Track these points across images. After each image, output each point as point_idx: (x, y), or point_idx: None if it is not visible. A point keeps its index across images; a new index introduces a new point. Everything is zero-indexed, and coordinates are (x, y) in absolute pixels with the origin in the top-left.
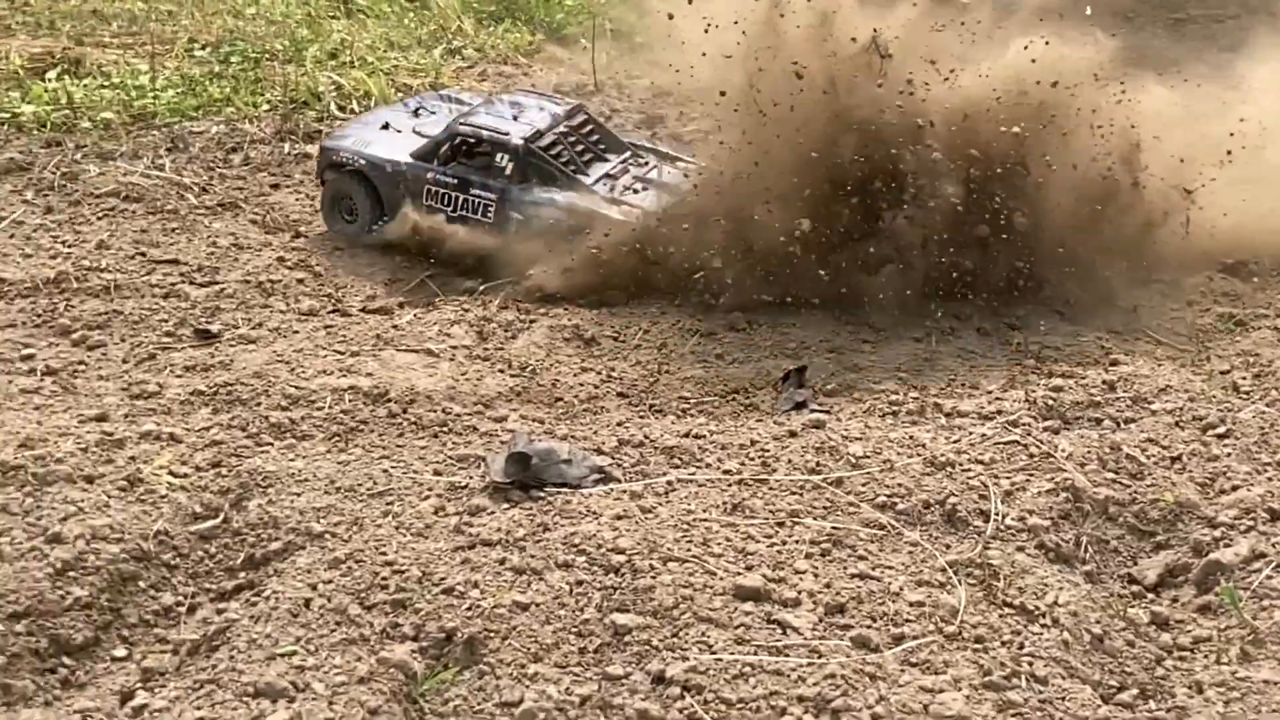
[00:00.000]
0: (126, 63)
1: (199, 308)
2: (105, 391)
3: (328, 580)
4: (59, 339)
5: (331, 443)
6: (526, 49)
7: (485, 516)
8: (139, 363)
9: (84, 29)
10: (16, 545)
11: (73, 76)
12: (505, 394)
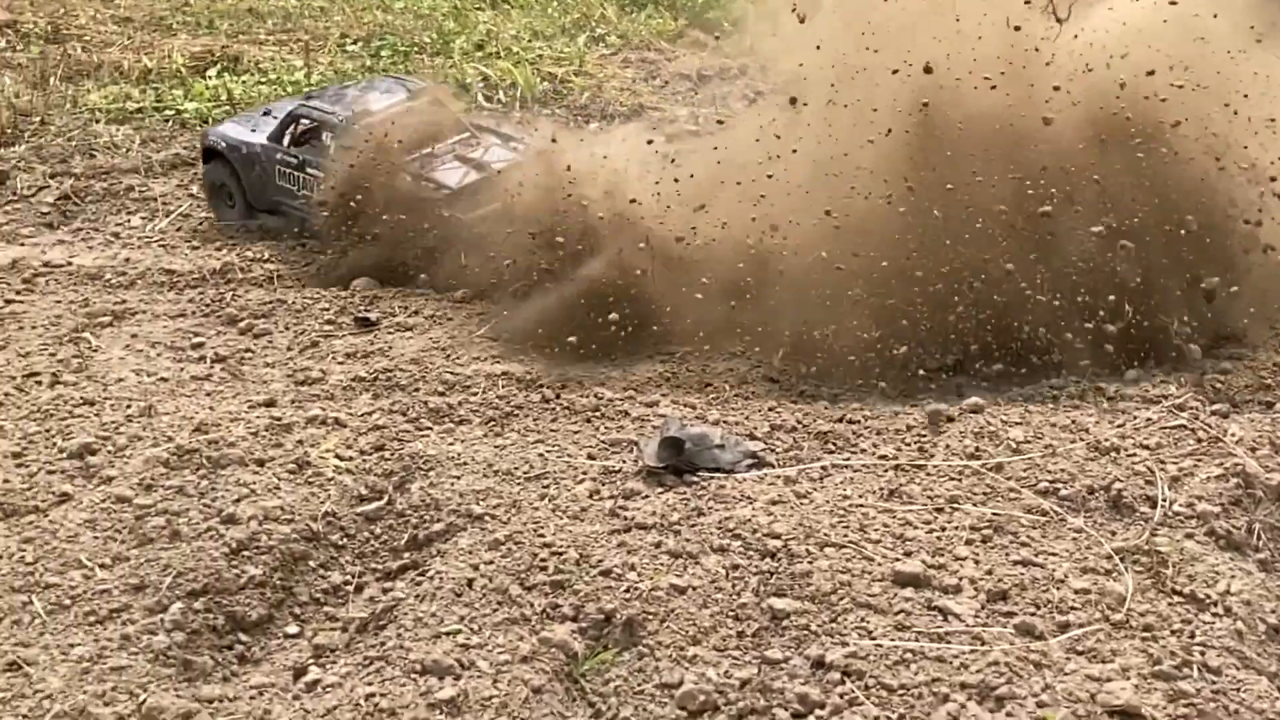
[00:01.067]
0: (282, 59)
1: (357, 296)
2: (272, 378)
3: (489, 561)
4: (226, 327)
5: (488, 427)
6: (669, 35)
7: (640, 500)
8: (302, 350)
9: (241, 27)
10: (194, 525)
11: (232, 73)
12: (655, 379)
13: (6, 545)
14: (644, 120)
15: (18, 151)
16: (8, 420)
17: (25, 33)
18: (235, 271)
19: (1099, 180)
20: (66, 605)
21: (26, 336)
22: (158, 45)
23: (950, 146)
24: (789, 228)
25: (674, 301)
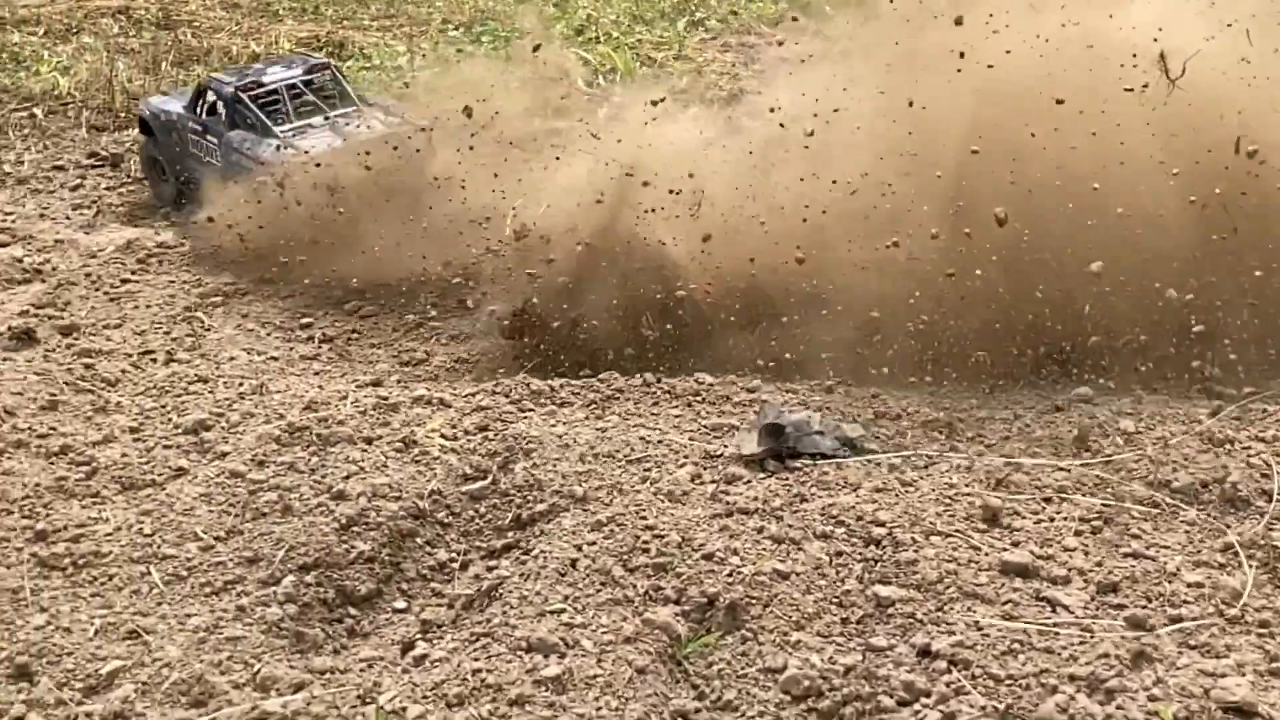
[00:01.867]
0: (386, 44)
1: (459, 278)
2: (378, 359)
3: (591, 542)
4: (334, 309)
5: (589, 409)
6: (770, 18)
7: (741, 485)
8: (407, 331)
9: (345, 13)
10: (305, 501)
11: (337, 59)
12: (757, 365)
13: (126, 517)
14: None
15: (132, 135)
16: (125, 397)
17: (138, 19)
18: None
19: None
20: (183, 576)
21: (142, 315)
22: (265, 31)
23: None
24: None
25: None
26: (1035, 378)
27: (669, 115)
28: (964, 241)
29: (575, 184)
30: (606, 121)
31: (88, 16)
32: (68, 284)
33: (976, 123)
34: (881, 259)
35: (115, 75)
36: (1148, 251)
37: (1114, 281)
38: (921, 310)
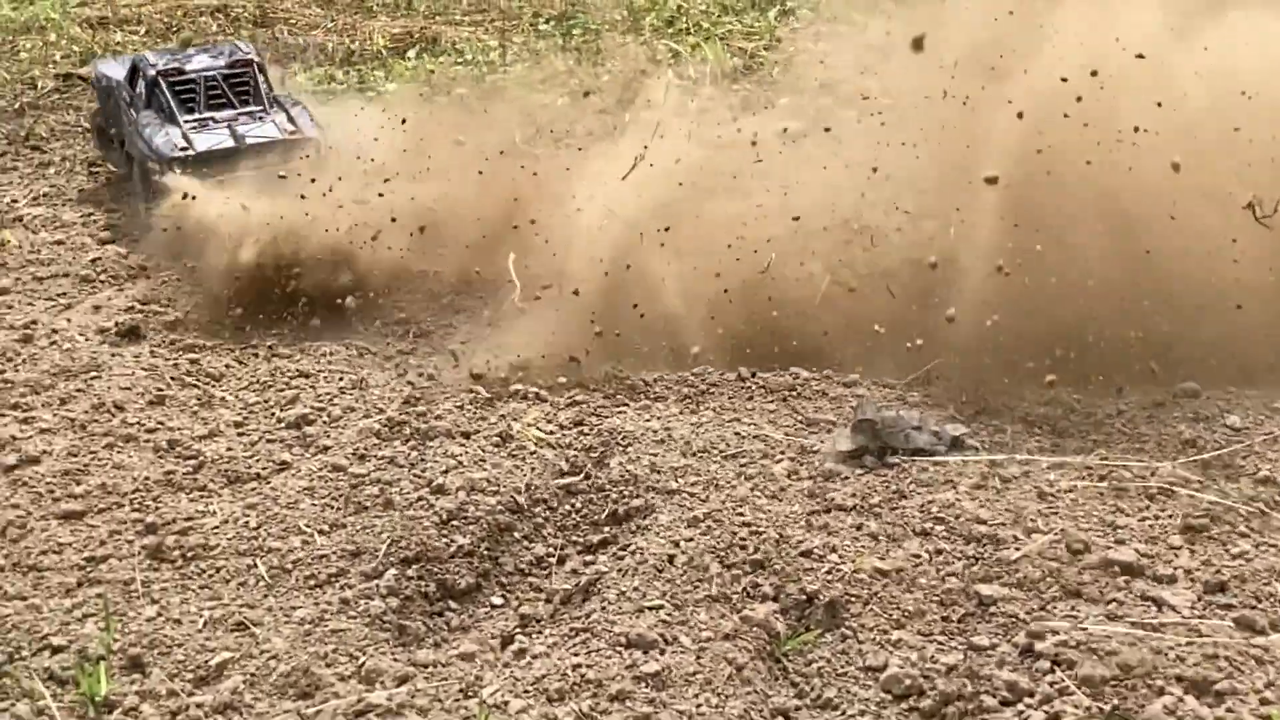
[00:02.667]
0: (478, 39)
1: (544, 276)
2: (473, 352)
3: (688, 538)
4: (429, 303)
5: (683, 404)
6: (862, 5)
7: (838, 481)
8: (498, 324)
9: (438, 8)
10: (405, 495)
11: (430, 54)
12: (853, 358)
13: (232, 510)
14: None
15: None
16: (229, 392)
17: (235, 17)
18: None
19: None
20: (288, 569)
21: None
22: (359, 27)
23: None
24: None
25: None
26: (1139, 372)
27: (758, 106)
28: (1071, 235)
29: (666, 170)
30: (697, 113)
31: (186, 15)
32: (172, 280)
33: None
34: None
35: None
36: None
37: (1218, 272)
38: (1020, 306)
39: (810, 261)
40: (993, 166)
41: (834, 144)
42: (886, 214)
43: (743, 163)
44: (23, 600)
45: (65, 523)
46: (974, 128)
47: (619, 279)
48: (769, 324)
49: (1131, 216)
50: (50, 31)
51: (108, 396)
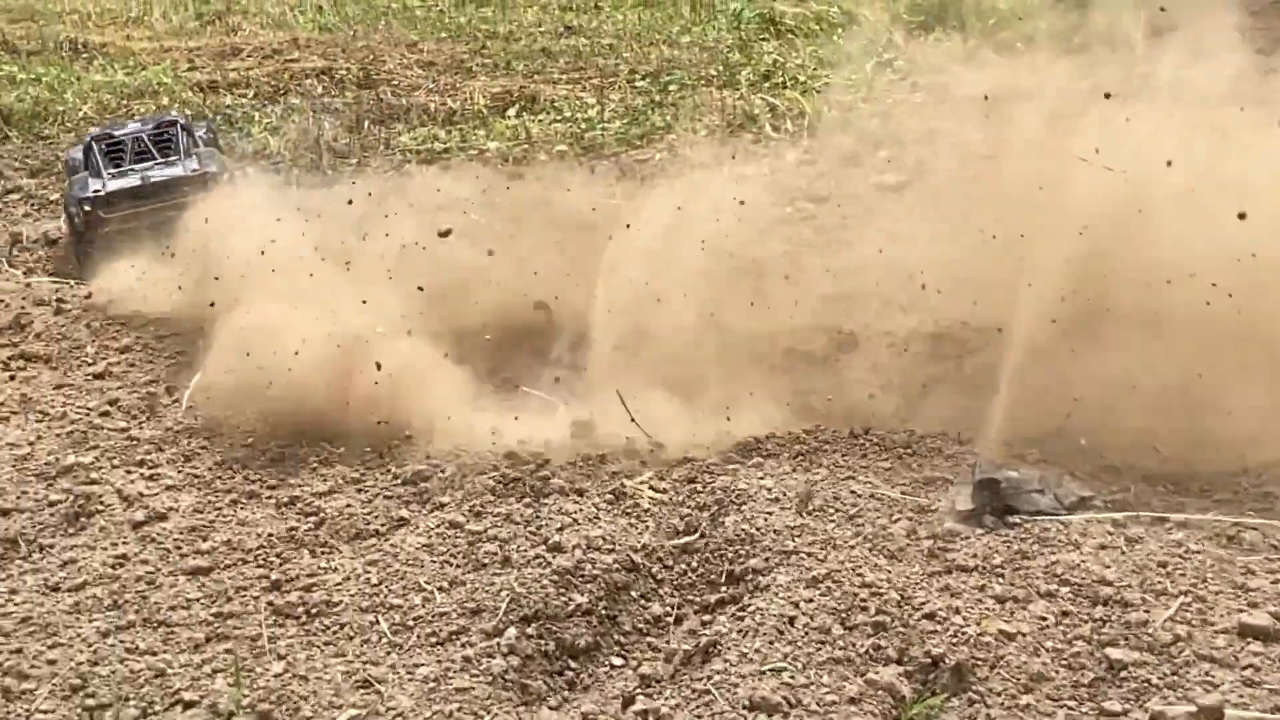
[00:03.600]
0: (576, 96)
1: (657, 330)
2: (578, 407)
3: (808, 599)
4: (532, 359)
5: (796, 462)
6: (959, 57)
7: (959, 542)
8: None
9: (535, 67)
10: (522, 553)
11: (529, 112)
12: (967, 416)
13: (353, 567)
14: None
15: (339, 192)
16: (346, 449)
17: (340, 79)
18: (544, 306)
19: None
20: (410, 626)
21: None
22: (460, 87)
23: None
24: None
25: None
26: (1263, 428)
27: (856, 158)
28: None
29: (764, 221)
30: (795, 165)
31: (293, 78)
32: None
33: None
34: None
35: (321, 134)
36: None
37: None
38: (1135, 361)
39: (915, 314)
40: (1090, 220)
41: (934, 196)
42: (994, 267)
43: (841, 215)
44: (153, 655)
45: (193, 578)
46: (1076, 179)
47: (712, 329)
48: (878, 377)
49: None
50: (163, 95)
51: (230, 454)
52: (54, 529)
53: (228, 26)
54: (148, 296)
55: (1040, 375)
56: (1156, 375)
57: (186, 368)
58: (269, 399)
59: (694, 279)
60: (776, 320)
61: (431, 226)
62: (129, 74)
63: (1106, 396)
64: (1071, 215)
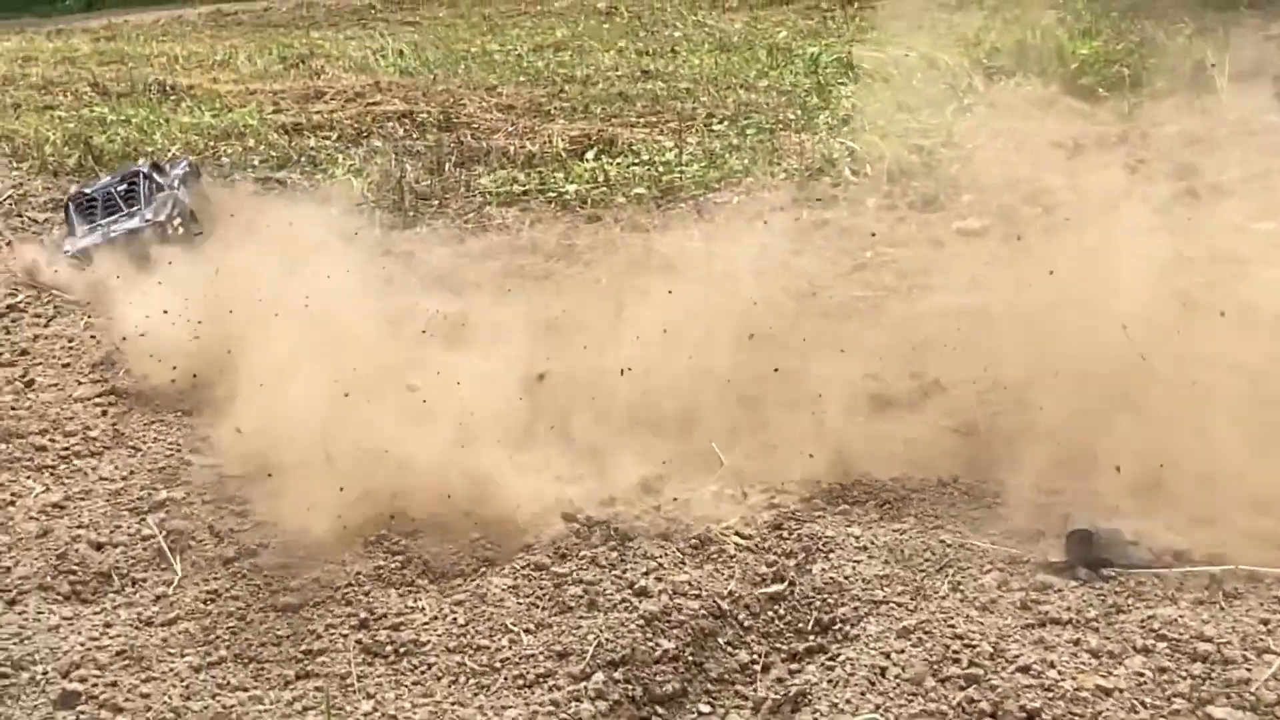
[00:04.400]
0: (653, 140)
1: (737, 373)
2: (658, 455)
3: (899, 650)
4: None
5: (883, 510)
6: (1040, 102)
7: (1052, 594)
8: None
9: (613, 111)
10: (609, 597)
11: (608, 155)
12: (1058, 465)
13: (440, 607)
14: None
15: (420, 233)
16: (429, 486)
17: (421, 122)
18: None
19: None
20: (496, 668)
21: None
22: (538, 130)
23: None
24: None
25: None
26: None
27: (937, 203)
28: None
29: (846, 266)
30: (875, 210)
31: (375, 120)
32: (368, 378)
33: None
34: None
35: (404, 176)
36: None
37: None
38: (1241, 414)
39: (1000, 362)
40: (1179, 267)
41: (1016, 242)
42: (1080, 316)
43: (923, 260)
44: (245, 691)
45: (282, 615)
46: (1167, 223)
47: (793, 374)
48: (964, 425)
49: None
50: (249, 137)
51: (314, 493)
52: (146, 563)
53: (311, 70)
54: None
55: (1132, 425)
56: (1253, 425)
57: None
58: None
59: (772, 322)
60: (859, 366)
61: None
62: (216, 116)
63: (1201, 447)
64: (1159, 263)
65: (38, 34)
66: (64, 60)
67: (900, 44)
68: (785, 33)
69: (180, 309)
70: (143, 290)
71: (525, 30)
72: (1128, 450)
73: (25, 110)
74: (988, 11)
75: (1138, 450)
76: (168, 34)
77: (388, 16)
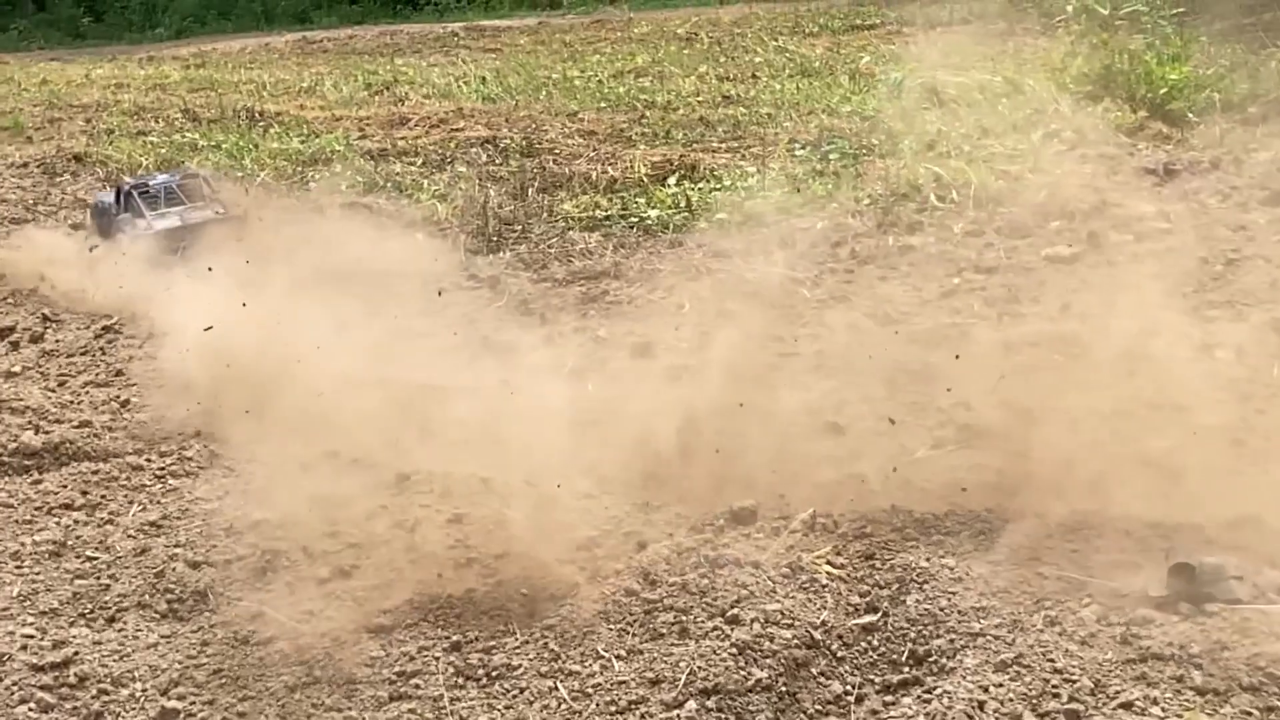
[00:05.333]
0: (736, 165)
1: (826, 400)
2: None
3: (998, 684)
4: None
5: (977, 541)
6: (1129, 127)
7: (1153, 629)
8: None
9: (694, 136)
10: (699, 624)
11: (689, 180)
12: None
13: (530, 631)
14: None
15: (504, 258)
16: (520, 511)
17: (504, 147)
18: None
19: None
20: (588, 693)
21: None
22: (619, 156)
23: None
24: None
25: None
26: None
27: (1025, 228)
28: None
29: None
30: (962, 236)
31: (459, 146)
32: (456, 401)
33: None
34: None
35: (487, 201)
36: None
37: None
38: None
39: (1093, 392)
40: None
41: (1109, 269)
42: (1177, 343)
43: (1012, 287)
44: (339, 712)
45: (375, 636)
46: (1262, 250)
47: (882, 401)
48: (1058, 456)
49: None
50: (336, 163)
51: (408, 514)
52: (241, 583)
53: (395, 97)
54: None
55: (1233, 457)
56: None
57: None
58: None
59: (858, 350)
60: (948, 394)
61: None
62: (303, 141)
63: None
64: (1257, 289)
65: (129, 61)
66: (155, 87)
67: (984, 69)
68: (868, 58)
69: (269, 339)
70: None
71: (605, 56)
72: (1228, 483)
73: (119, 135)
74: (1074, 36)
75: (1240, 483)
76: (255, 61)
77: (469, 44)
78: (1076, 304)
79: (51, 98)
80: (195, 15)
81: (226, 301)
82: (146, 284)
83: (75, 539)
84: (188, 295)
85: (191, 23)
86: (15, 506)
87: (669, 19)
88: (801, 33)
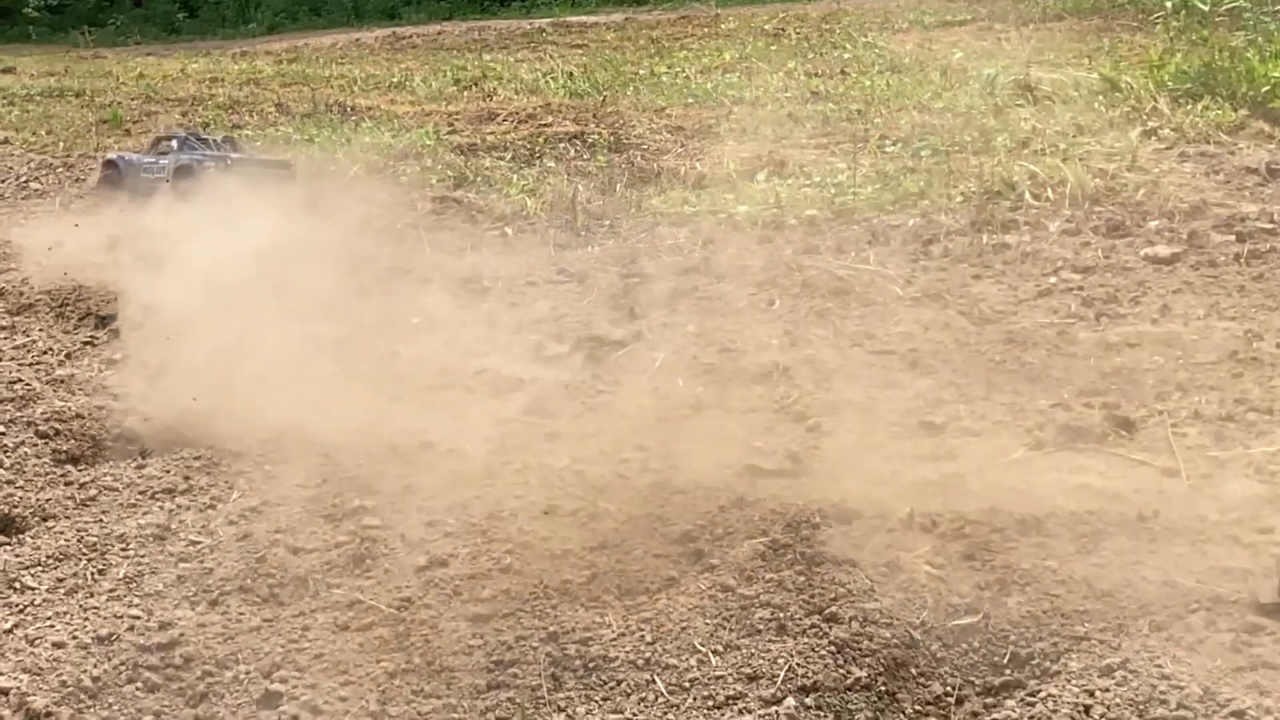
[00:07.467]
0: (826, 161)
1: (921, 399)
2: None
3: (1104, 689)
4: (794, 424)
5: (1080, 543)
6: (1229, 126)
7: (1264, 637)
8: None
9: (783, 133)
10: (797, 622)
11: (779, 176)
12: (1262, 503)
13: (626, 624)
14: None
15: (593, 253)
16: (613, 504)
17: (592, 143)
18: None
19: None
20: (685, 688)
21: (616, 424)
22: (707, 151)
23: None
24: None
25: None
26: None
27: (1124, 229)
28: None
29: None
30: (1058, 234)
31: (547, 141)
32: (548, 394)
33: None
34: None
35: (576, 196)
36: None
37: None
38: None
39: (1196, 393)
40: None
41: (1210, 270)
42: (1277, 346)
43: (1110, 287)
44: (438, 699)
45: (473, 624)
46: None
47: (977, 401)
48: (1160, 459)
49: None
50: (426, 157)
51: (500, 506)
52: (340, 569)
53: (484, 92)
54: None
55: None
56: None
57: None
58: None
59: (953, 348)
60: (1046, 395)
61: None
62: (394, 136)
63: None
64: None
65: (223, 56)
66: (249, 81)
67: (1080, 66)
68: (959, 54)
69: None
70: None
71: (693, 52)
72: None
73: (214, 129)
74: (1172, 33)
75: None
76: (345, 56)
77: (557, 39)
78: (1177, 305)
79: (148, 91)
80: (287, 11)
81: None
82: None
83: (179, 523)
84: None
85: (283, 18)
86: (120, 490)
87: (756, 14)
88: (891, 28)
